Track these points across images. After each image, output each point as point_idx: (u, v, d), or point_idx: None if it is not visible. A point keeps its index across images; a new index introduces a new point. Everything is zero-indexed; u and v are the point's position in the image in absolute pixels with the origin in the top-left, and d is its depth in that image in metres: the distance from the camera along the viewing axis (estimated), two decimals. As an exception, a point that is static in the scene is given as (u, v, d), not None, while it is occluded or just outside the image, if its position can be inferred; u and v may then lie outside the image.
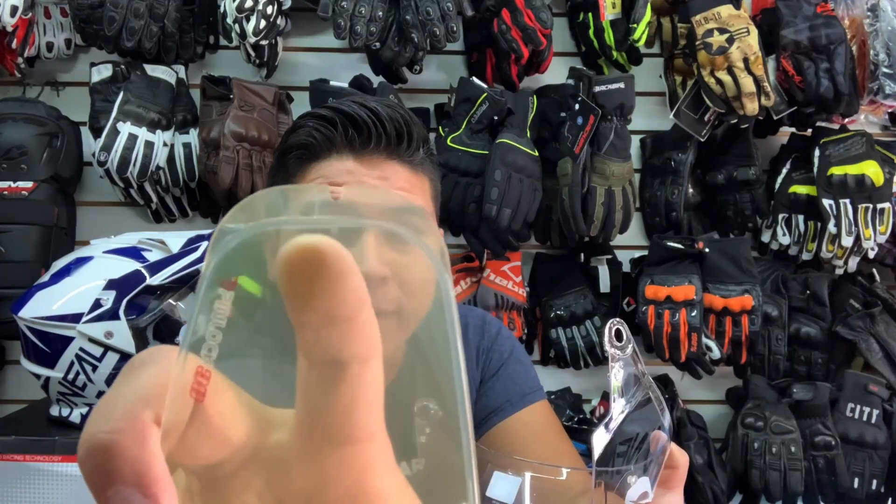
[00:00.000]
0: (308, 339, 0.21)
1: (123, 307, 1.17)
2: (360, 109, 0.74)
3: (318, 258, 0.21)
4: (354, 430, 0.21)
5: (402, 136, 0.75)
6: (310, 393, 0.21)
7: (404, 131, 0.75)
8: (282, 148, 0.77)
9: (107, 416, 0.20)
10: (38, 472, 1.14)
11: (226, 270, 0.24)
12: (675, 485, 0.60)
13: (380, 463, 0.22)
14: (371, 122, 0.73)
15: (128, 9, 1.47)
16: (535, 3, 1.49)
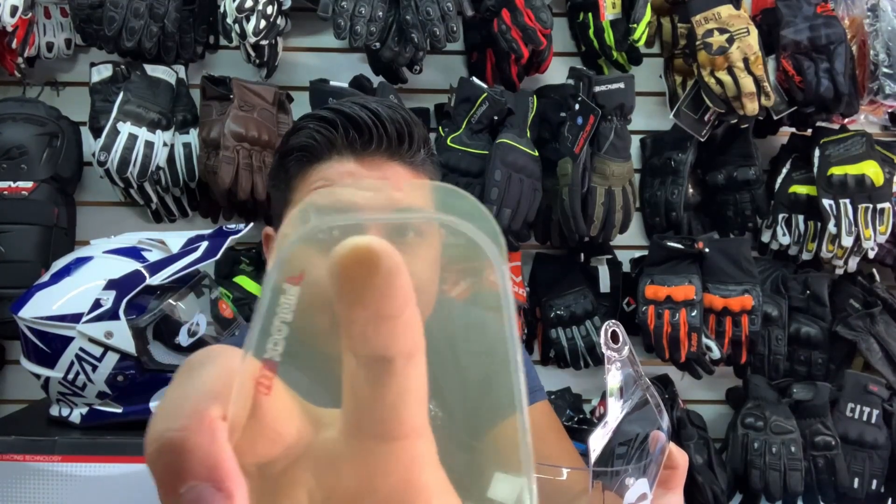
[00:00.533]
0: (356, 337, 0.22)
1: (123, 307, 1.17)
2: (360, 111, 0.74)
3: (373, 258, 0.22)
4: (402, 425, 0.22)
5: (403, 137, 0.74)
6: (357, 390, 0.22)
7: (405, 132, 0.75)
8: (282, 149, 0.77)
9: (175, 413, 0.20)
10: (38, 472, 1.14)
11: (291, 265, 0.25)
12: (674, 485, 0.60)
13: (426, 458, 0.22)
14: (372, 124, 0.73)
15: (128, 9, 1.47)
16: (535, 3, 1.49)
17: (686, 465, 0.60)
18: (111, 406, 1.22)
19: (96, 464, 1.15)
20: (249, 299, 1.54)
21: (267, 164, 1.52)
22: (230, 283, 1.56)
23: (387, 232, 0.69)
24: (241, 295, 1.54)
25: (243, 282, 1.57)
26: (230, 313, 1.34)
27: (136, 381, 1.20)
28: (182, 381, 0.22)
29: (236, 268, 1.60)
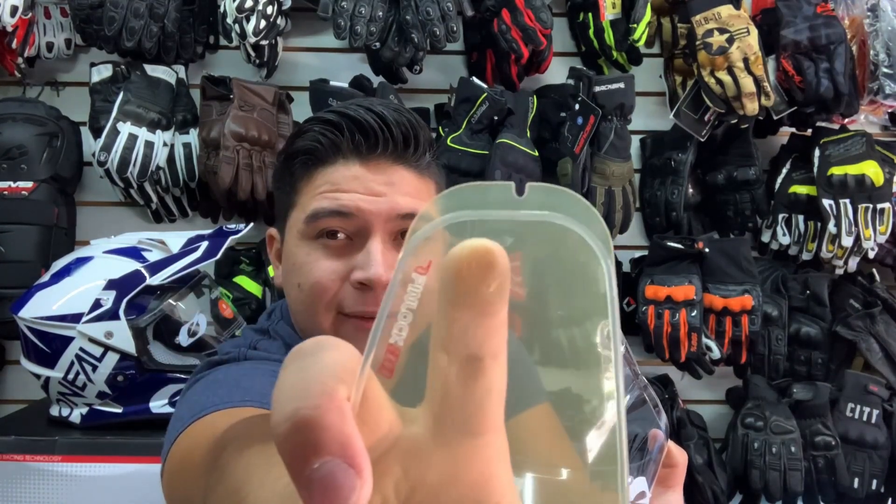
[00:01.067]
0: (455, 335, 0.23)
1: (123, 307, 1.17)
2: (366, 114, 0.73)
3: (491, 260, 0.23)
4: (486, 422, 0.23)
5: (408, 141, 0.74)
6: (448, 387, 0.23)
7: (411, 136, 0.75)
8: (287, 152, 0.77)
9: (304, 394, 0.21)
10: (38, 472, 1.14)
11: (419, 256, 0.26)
12: (674, 483, 0.60)
13: (503, 454, 0.24)
14: (378, 127, 0.73)
15: (128, 9, 1.47)
16: (535, 3, 1.49)
17: (685, 464, 0.60)
18: (111, 406, 1.22)
19: (96, 464, 1.15)
20: (249, 299, 1.54)
21: (267, 164, 1.52)
22: (230, 283, 1.56)
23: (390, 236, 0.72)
24: (241, 295, 1.54)
25: (243, 282, 1.57)
26: (230, 313, 1.34)
27: (136, 381, 1.20)
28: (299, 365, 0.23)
29: (236, 268, 1.60)
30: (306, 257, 0.74)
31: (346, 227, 0.73)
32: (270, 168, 1.52)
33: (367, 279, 0.71)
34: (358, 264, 0.72)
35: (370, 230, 0.73)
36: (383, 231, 0.73)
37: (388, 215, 0.73)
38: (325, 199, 0.73)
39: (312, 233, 0.74)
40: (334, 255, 0.73)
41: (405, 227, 0.73)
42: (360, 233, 0.73)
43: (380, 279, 0.71)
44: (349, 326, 0.73)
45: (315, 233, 0.74)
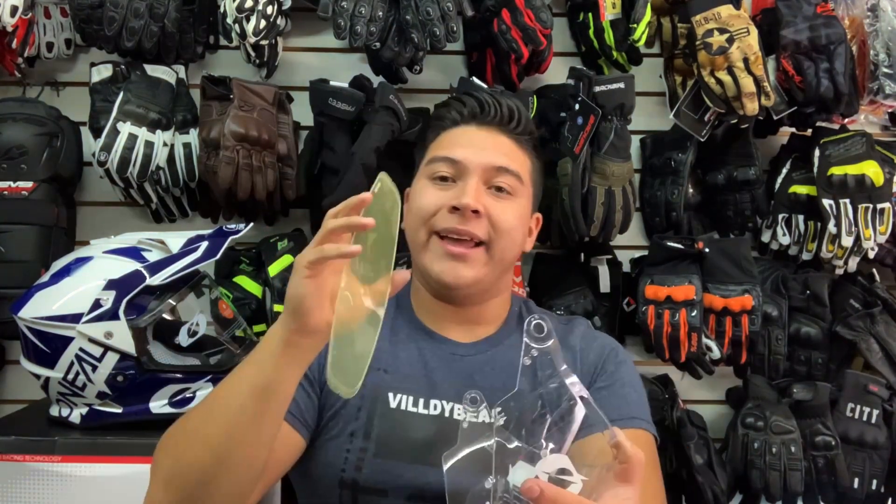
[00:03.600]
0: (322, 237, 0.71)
1: (123, 307, 1.17)
2: (486, 96, 1.02)
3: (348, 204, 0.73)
4: None
5: (513, 116, 1.01)
6: None
7: (516, 114, 1.01)
8: (428, 122, 1.07)
9: None
10: (38, 472, 1.14)
11: None
12: (630, 478, 0.62)
13: None
14: (491, 102, 1.00)
15: (128, 9, 1.47)
16: (535, 3, 1.49)
17: (641, 460, 0.63)
18: (111, 406, 1.22)
19: (96, 464, 1.15)
20: (249, 299, 1.54)
21: (267, 163, 1.52)
22: (230, 283, 1.56)
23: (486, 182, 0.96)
24: (241, 295, 1.54)
25: (243, 282, 1.57)
26: (230, 313, 1.34)
27: (135, 381, 1.20)
28: None
29: (236, 268, 1.60)
30: (421, 190, 0.98)
31: (452, 171, 0.97)
32: (270, 168, 1.52)
33: (459, 203, 0.92)
34: (455, 195, 0.94)
35: (469, 173, 0.95)
36: (480, 175, 0.95)
37: (485, 165, 0.96)
38: (442, 149, 0.99)
39: (429, 174, 0.98)
40: (440, 189, 0.97)
41: (498, 178, 0.97)
42: (462, 176, 0.96)
43: (468, 205, 0.92)
44: (437, 245, 0.95)
45: (431, 174, 0.98)
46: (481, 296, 1.01)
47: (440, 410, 0.94)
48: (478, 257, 0.94)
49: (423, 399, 0.95)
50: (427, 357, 0.99)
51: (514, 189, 0.98)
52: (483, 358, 0.99)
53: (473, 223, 0.93)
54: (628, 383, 0.99)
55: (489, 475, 0.66)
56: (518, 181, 0.98)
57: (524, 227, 1.02)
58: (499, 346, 1.01)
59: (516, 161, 1.00)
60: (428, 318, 1.03)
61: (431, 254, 0.96)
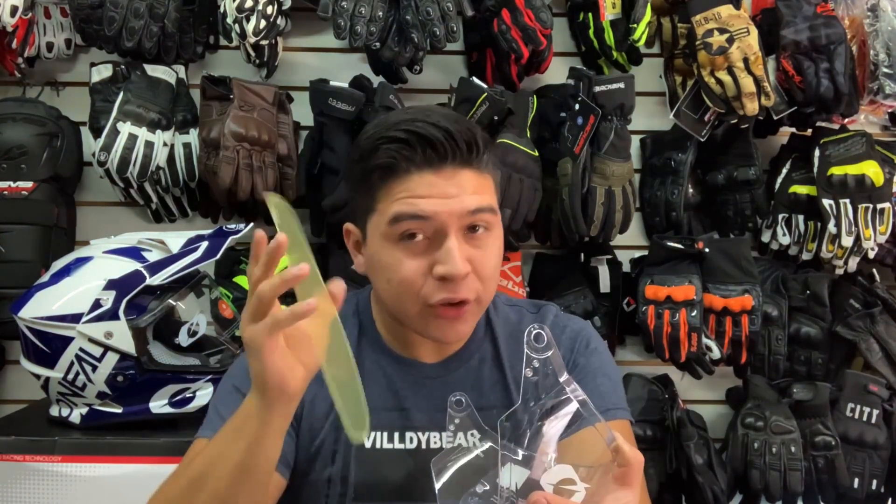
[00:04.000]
0: None
1: (123, 307, 1.17)
2: (434, 130, 0.85)
3: None
4: None
5: (471, 148, 0.87)
6: None
7: (473, 143, 0.87)
8: (363, 167, 0.88)
9: None
10: (38, 472, 1.14)
11: None
12: (628, 482, 0.63)
13: None
14: (445, 141, 0.85)
15: (128, 9, 1.47)
16: (535, 3, 1.49)
17: (640, 464, 0.63)
18: (111, 406, 1.22)
19: (96, 464, 1.15)
20: (249, 299, 1.54)
21: (267, 163, 1.52)
22: (230, 283, 1.56)
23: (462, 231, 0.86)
24: (241, 295, 1.54)
25: (243, 282, 1.57)
26: (230, 313, 1.34)
27: (135, 381, 1.20)
28: None
29: (236, 268, 1.60)
30: (391, 258, 0.87)
31: (424, 228, 0.85)
32: (270, 168, 1.52)
33: (449, 273, 0.84)
34: (439, 260, 0.85)
35: (446, 230, 0.85)
36: (457, 228, 0.86)
37: (459, 214, 0.85)
38: (404, 204, 0.85)
39: (395, 234, 0.86)
40: (416, 255, 0.86)
41: (474, 222, 0.87)
42: (436, 233, 0.86)
43: (459, 273, 0.84)
44: (432, 313, 0.87)
45: (397, 234, 0.86)
46: None
47: (416, 443, 0.92)
48: (471, 311, 0.89)
49: (397, 433, 0.92)
50: (397, 385, 0.95)
51: (490, 223, 0.89)
52: (454, 377, 0.96)
53: (463, 287, 0.86)
54: (600, 373, 0.96)
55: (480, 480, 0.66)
56: (493, 214, 0.90)
57: (502, 255, 0.95)
58: (469, 360, 0.97)
59: (486, 192, 0.89)
60: (394, 341, 0.98)
61: (427, 322, 0.89)
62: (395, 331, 0.97)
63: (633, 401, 1.63)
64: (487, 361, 0.97)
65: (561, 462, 0.65)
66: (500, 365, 0.96)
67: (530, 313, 1.03)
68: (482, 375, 0.96)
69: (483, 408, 0.90)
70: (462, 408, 0.73)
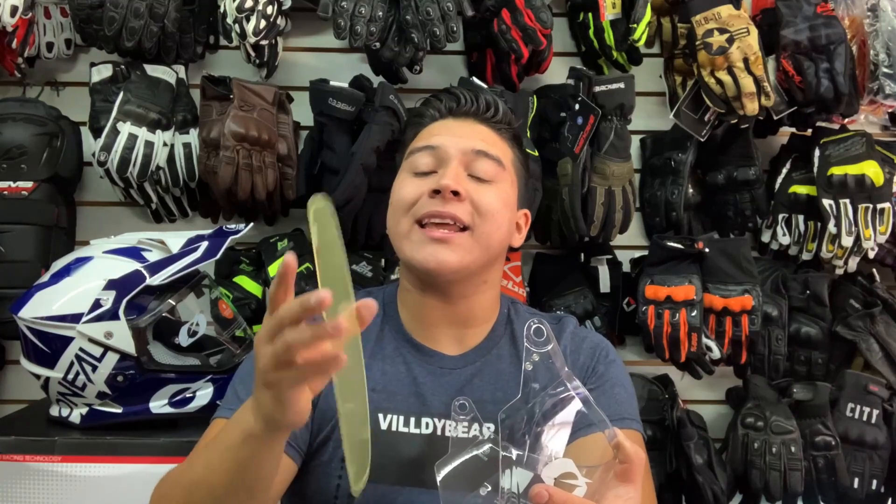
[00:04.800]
0: None
1: (123, 307, 1.17)
2: (463, 90, 1.02)
3: None
4: None
5: (489, 106, 1.01)
6: None
7: (492, 104, 1.02)
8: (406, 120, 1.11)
9: None
10: (38, 472, 1.14)
11: None
12: (631, 478, 0.63)
13: None
14: (466, 95, 1.01)
15: (128, 9, 1.47)
16: (535, 3, 1.49)
17: (642, 460, 0.64)
18: (111, 406, 1.22)
19: (96, 464, 1.15)
20: (249, 299, 1.54)
21: (267, 163, 1.52)
22: (230, 283, 1.56)
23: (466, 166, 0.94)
24: (241, 295, 1.54)
25: (243, 282, 1.57)
26: (230, 313, 1.34)
27: (135, 381, 1.20)
28: None
29: (236, 268, 1.60)
30: (401, 183, 0.97)
31: (432, 160, 0.95)
32: (270, 168, 1.52)
33: (439, 185, 0.90)
34: (435, 179, 0.92)
35: (449, 158, 0.94)
36: (459, 160, 0.94)
37: (464, 149, 0.95)
38: (420, 141, 0.99)
39: (409, 167, 0.97)
40: (421, 180, 0.95)
41: (480, 165, 0.95)
42: (442, 164, 0.94)
43: (448, 186, 0.90)
44: (418, 233, 0.91)
45: (411, 167, 0.97)
46: (469, 286, 0.97)
47: (431, 429, 0.93)
48: (462, 242, 0.90)
49: (413, 418, 0.93)
50: (415, 372, 0.96)
51: (496, 175, 0.96)
52: (471, 370, 0.97)
53: (455, 205, 0.90)
54: (618, 383, 0.98)
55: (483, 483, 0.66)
56: (499, 167, 0.96)
57: (510, 214, 0.99)
58: (487, 355, 0.99)
59: (496, 146, 0.99)
60: (415, 326, 0.99)
61: (413, 243, 0.91)
62: (417, 318, 1.00)
63: (633, 401, 1.63)
64: (505, 358, 0.99)
65: None
66: (518, 362, 0.97)
67: (551, 324, 1.04)
68: (500, 370, 0.97)
69: (499, 402, 0.92)
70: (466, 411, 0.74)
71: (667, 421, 1.60)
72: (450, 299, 0.97)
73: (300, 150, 1.62)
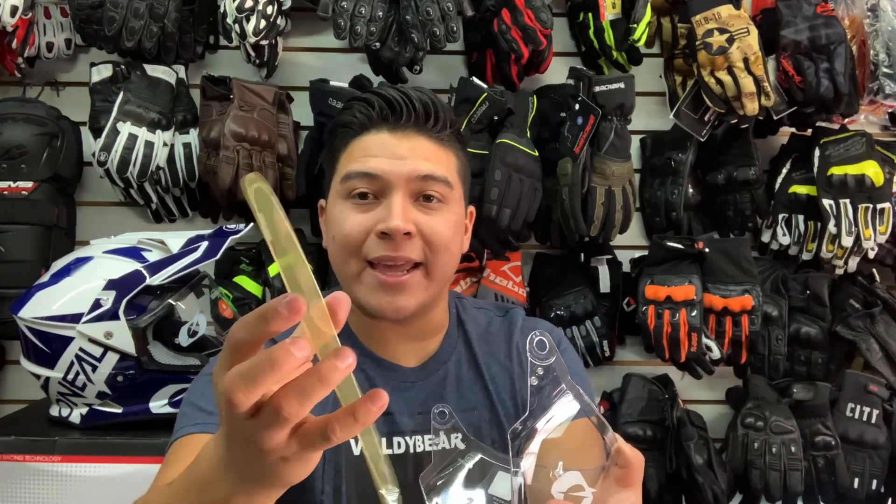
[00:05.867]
0: None
1: (123, 307, 1.17)
2: (394, 92, 0.89)
3: None
4: None
5: (429, 114, 0.89)
6: None
7: (432, 111, 0.89)
8: (331, 127, 0.93)
9: None
10: (38, 472, 1.14)
11: None
12: (630, 483, 0.63)
13: None
14: (402, 101, 0.88)
15: (128, 9, 1.47)
16: (535, 3, 1.49)
17: (641, 464, 0.63)
18: (111, 406, 1.22)
19: (96, 464, 1.15)
20: (249, 299, 1.54)
21: (267, 163, 1.52)
22: (230, 283, 1.56)
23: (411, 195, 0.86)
24: (241, 295, 1.54)
25: (243, 282, 1.57)
26: (230, 313, 1.34)
27: (135, 381, 1.20)
28: None
29: (236, 268, 1.60)
30: (340, 214, 0.88)
31: (372, 187, 0.86)
32: (270, 168, 1.52)
33: (388, 228, 0.83)
34: (380, 217, 0.84)
35: (393, 189, 0.85)
36: (405, 190, 0.86)
37: (409, 176, 0.86)
38: (356, 163, 0.87)
39: (345, 192, 0.87)
40: (363, 211, 0.86)
41: (425, 189, 0.87)
42: (384, 192, 0.86)
43: (398, 229, 0.82)
44: (370, 277, 0.85)
45: (347, 192, 0.87)
46: (423, 313, 0.93)
47: (404, 448, 0.90)
48: (416, 282, 0.86)
49: (384, 438, 0.89)
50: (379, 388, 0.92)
51: (445, 196, 0.88)
52: (434, 380, 0.94)
53: (405, 246, 0.84)
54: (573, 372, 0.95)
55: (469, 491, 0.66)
56: (447, 187, 0.88)
57: (460, 234, 0.94)
58: (447, 362, 0.96)
59: (441, 164, 0.88)
60: (370, 341, 0.95)
61: (366, 287, 0.86)
62: (370, 330, 0.94)
63: (633, 401, 1.63)
64: (464, 363, 0.97)
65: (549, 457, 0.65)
66: (476, 365, 0.96)
67: (498, 316, 1.03)
68: (461, 376, 0.95)
69: (465, 409, 0.91)
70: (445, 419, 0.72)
71: (667, 421, 1.60)
72: (404, 323, 0.92)
73: (300, 150, 1.63)
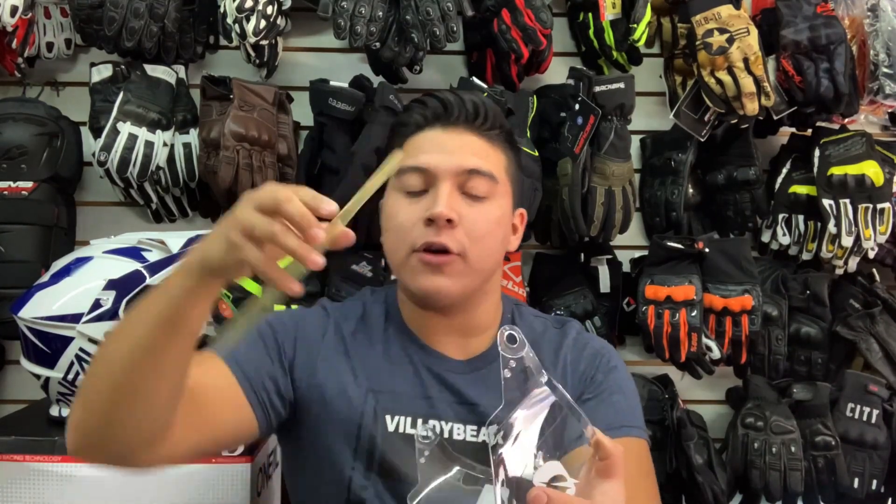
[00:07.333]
0: None
1: (123, 307, 1.17)
2: (448, 94, 0.97)
3: None
4: None
5: (478, 113, 0.95)
6: None
7: (481, 110, 0.96)
8: (392, 127, 1.02)
9: None
10: (38, 472, 1.14)
11: None
12: (612, 474, 0.63)
13: None
14: (454, 101, 0.95)
15: (128, 9, 1.47)
16: (535, 3, 1.49)
17: (621, 454, 0.63)
18: (111, 406, 1.22)
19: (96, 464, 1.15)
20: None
21: (267, 163, 1.52)
22: (230, 283, 1.56)
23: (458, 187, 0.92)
24: (241, 295, 1.53)
25: (243, 281, 1.56)
26: (230, 313, 1.34)
27: (136, 381, 1.20)
28: None
29: (236, 268, 1.60)
30: (393, 206, 0.94)
31: (423, 180, 0.92)
32: (270, 168, 1.52)
33: (432, 214, 0.88)
34: (427, 206, 0.90)
35: (439, 180, 0.91)
36: (452, 181, 0.91)
37: (456, 170, 0.92)
38: (409, 159, 0.93)
39: (399, 186, 0.94)
40: (413, 203, 0.92)
41: (473, 183, 0.92)
42: (433, 183, 0.92)
43: (441, 215, 0.88)
44: (415, 259, 0.90)
45: (401, 186, 0.94)
46: (467, 304, 0.97)
47: (439, 430, 0.93)
48: (456, 267, 0.90)
49: (420, 420, 0.93)
50: (422, 373, 0.96)
51: (490, 191, 0.94)
52: (477, 376, 0.97)
53: (447, 234, 0.89)
54: (618, 390, 0.97)
55: None
56: (493, 182, 0.94)
57: (503, 230, 0.98)
58: (493, 362, 0.94)
59: (489, 160, 0.94)
60: (419, 329, 0.99)
61: (411, 270, 0.92)
62: (419, 321, 0.99)
63: (633, 401, 1.63)
64: None
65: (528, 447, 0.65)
66: None
67: (554, 328, 1.05)
68: None
69: None
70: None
71: (667, 421, 1.60)
72: (449, 313, 0.97)
73: (300, 150, 1.63)
